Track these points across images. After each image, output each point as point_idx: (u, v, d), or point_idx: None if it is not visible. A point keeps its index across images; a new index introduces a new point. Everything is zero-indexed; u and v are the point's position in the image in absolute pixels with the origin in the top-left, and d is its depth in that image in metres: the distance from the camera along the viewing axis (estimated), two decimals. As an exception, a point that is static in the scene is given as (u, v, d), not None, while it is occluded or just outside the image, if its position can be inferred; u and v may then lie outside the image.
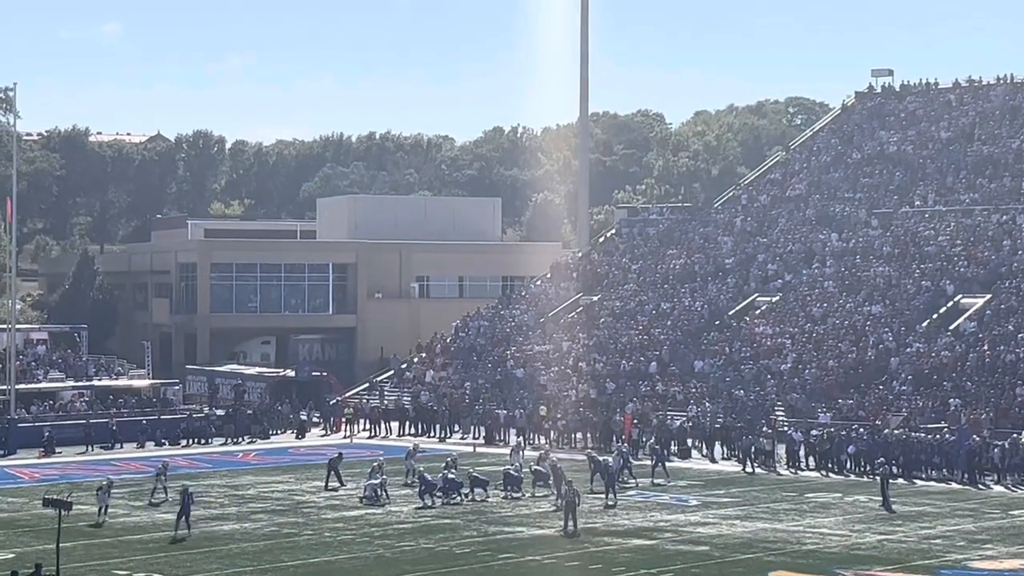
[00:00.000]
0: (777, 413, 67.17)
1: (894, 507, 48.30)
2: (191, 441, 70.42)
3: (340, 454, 56.18)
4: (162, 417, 72.47)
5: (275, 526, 45.73)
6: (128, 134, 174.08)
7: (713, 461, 61.89)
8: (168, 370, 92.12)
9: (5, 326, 76.19)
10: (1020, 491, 53.15)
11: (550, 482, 50.40)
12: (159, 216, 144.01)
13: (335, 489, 53.09)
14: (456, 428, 72.38)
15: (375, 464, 52.37)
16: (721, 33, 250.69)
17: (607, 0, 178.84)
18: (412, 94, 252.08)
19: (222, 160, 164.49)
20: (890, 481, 50.20)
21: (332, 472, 54.09)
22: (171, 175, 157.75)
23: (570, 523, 43.93)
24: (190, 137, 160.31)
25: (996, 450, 55.43)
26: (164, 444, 69.49)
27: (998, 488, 53.96)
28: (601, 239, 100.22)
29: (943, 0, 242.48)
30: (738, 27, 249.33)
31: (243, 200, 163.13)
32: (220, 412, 74.80)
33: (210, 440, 70.78)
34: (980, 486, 54.32)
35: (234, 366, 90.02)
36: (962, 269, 76.56)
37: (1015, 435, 57.14)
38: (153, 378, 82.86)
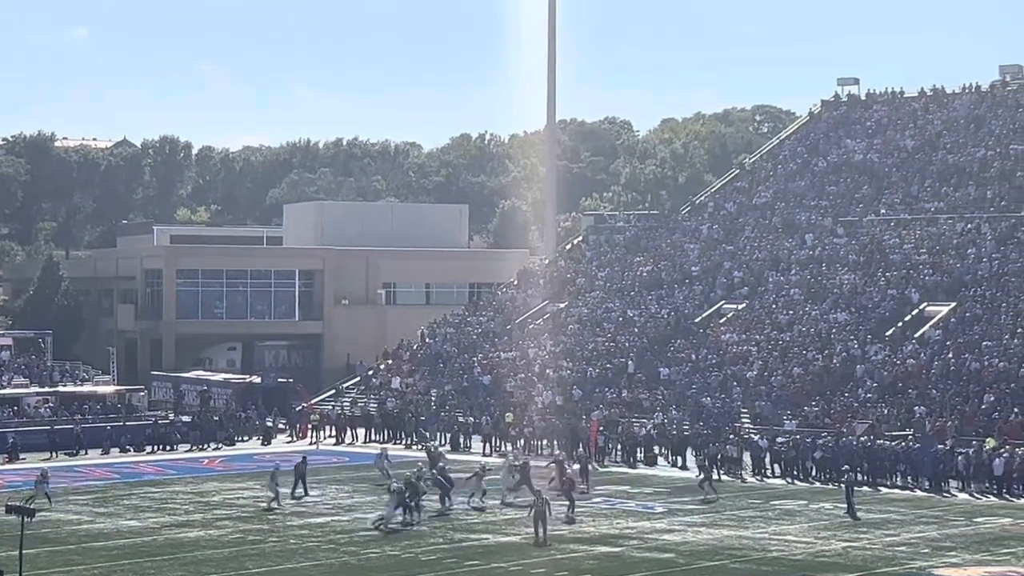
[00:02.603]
0: (743, 420, 67.30)
1: (859, 514, 48.45)
2: (156, 447, 70.21)
3: (304, 458, 55.92)
4: (127, 423, 72.18)
5: (240, 533, 45.60)
6: (94, 139, 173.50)
7: (684, 468, 61.95)
8: (133, 376, 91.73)
9: (-31, 332, 75.82)
10: (984, 499, 53.36)
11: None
12: (125, 222, 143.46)
13: (299, 497, 52.83)
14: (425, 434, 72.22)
15: (271, 472, 52.03)
16: (688, 41, 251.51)
17: (575, 7, 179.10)
18: (379, 101, 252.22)
19: (188, 166, 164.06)
20: (854, 488, 50.27)
21: (299, 480, 53.77)
22: (137, 181, 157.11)
23: (540, 532, 43.66)
24: (156, 143, 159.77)
25: (960, 457, 55.63)
26: (129, 450, 69.26)
27: (962, 495, 54.17)
28: (568, 246, 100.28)
29: (909, 10, 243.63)
30: (705, 35, 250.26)
31: (209, 206, 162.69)
32: (185, 418, 74.56)
33: (175, 446, 70.57)
34: (944, 493, 54.53)
35: (200, 372, 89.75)
36: (927, 277, 76.86)
37: (976, 443, 57.39)
38: (118, 384, 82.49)
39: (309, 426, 74.76)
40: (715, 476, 58.11)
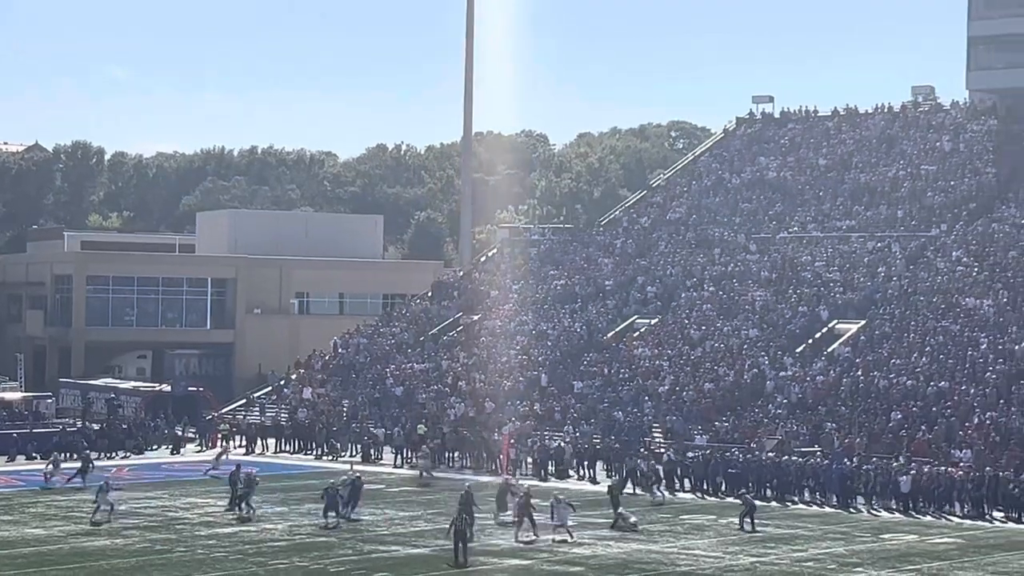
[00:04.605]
0: (654, 435, 67.55)
1: (768, 529, 48.71)
2: (64, 455, 69.28)
3: (238, 466, 55.15)
4: (34, 431, 71.30)
5: (147, 542, 45.18)
6: (5, 143, 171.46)
7: (594, 482, 62.00)
8: (41, 383, 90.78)
9: None
10: (890, 515, 53.88)
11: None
12: (35, 227, 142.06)
13: (236, 508, 52.05)
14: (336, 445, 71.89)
15: (102, 484, 51.48)
16: (605, 56, 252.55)
17: (492, 20, 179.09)
18: (295, 109, 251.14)
19: (101, 172, 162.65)
20: (754, 509, 49.93)
21: (235, 488, 52.91)
22: (48, 186, 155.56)
23: (459, 554, 42.23)
24: (69, 148, 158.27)
25: (867, 474, 56.09)
26: (36, 458, 68.36)
27: (869, 512, 54.66)
28: (483, 258, 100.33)
29: (824, 30, 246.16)
30: (622, 50, 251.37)
31: (122, 212, 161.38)
32: (94, 426, 73.80)
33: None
34: (852, 510, 54.99)
35: (109, 380, 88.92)
36: (837, 295, 77.55)
37: (884, 460, 57.88)
38: (26, 391, 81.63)
39: (218, 435, 74.23)
40: (630, 490, 58.24)
